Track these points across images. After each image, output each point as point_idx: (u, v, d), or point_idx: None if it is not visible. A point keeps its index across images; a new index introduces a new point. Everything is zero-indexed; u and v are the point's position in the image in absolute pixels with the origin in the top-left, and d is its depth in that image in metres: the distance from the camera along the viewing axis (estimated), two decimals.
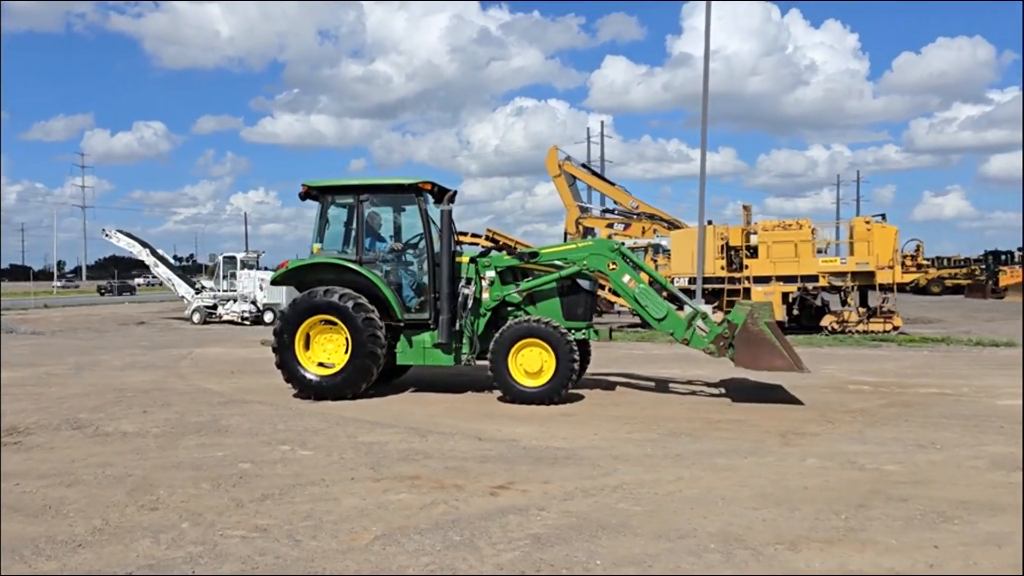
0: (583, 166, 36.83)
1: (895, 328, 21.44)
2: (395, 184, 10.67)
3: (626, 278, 10.45)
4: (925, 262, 24.87)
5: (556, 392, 9.89)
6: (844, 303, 22.85)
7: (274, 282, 11.58)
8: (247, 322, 29.56)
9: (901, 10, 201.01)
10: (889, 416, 9.07)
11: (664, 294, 11.27)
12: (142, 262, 34.12)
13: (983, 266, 51.75)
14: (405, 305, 10.64)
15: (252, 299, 30.16)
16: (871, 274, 21.64)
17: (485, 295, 10.59)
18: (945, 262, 56.91)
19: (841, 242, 23.27)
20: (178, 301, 34.70)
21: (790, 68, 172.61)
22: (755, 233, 23.46)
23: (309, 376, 10.37)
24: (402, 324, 10.64)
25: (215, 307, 30.93)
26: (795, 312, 23.45)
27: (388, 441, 7.93)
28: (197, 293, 31.90)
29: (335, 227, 11.14)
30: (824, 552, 4.78)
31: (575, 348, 9.93)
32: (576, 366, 9.94)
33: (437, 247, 10.63)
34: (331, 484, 6.37)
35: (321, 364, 10.47)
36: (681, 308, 10.92)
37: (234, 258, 32.31)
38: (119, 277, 79.76)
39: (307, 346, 10.53)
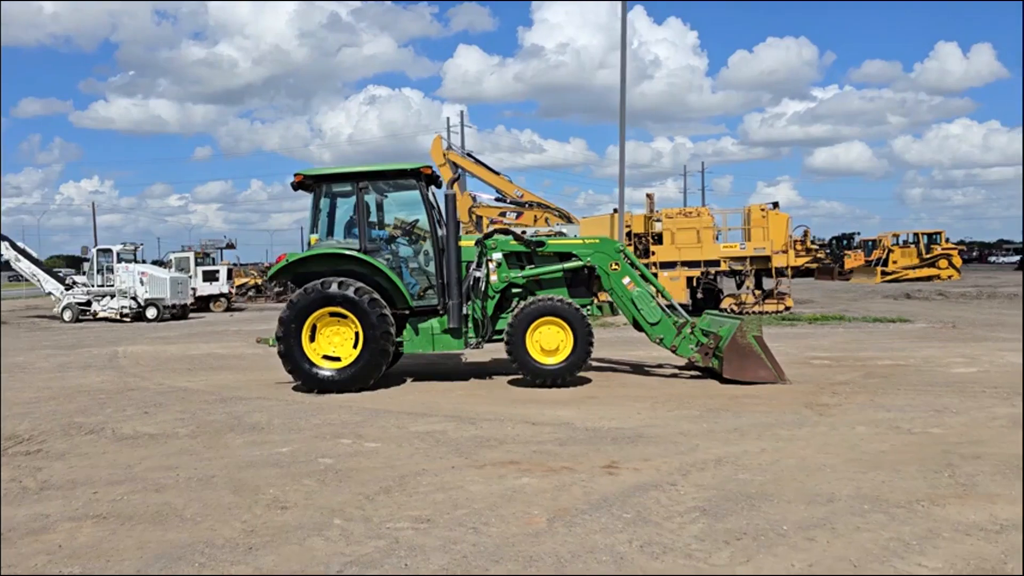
0: (468, 155, 37.13)
1: (787, 308, 22.94)
2: (396, 170, 10.49)
3: (626, 280, 10.76)
4: (813, 246, 26.84)
5: (574, 369, 10.14)
6: (739, 286, 24.23)
7: (271, 277, 11.10)
8: (127, 319, 27.86)
9: (735, 9, 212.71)
10: (879, 386, 9.85)
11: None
12: None
13: (827, 250, 55.94)
14: (411, 292, 10.52)
15: (132, 294, 28.41)
16: (767, 258, 23.08)
17: (493, 277, 10.62)
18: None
19: (737, 228, 24.61)
20: (44, 297, 32.19)
21: (636, 62, 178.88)
22: (659, 221, 24.44)
23: (318, 369, 10.06)
24: (407, 312, 10.51)
25: (89, 303, 28.94)
26: (699, 295, 24.64)
27: (443, 430, 7.87)
28: (68, 289, 29.72)
29: (322, 217, 10.82)
30: (965, 505, 5.25)
31: (591, 326, 10.18)
32: (593, 344, 10.20)
33: (442, 232, 10.55)
34: (438, 473, 6.30)
35: (326, 357, 10.16)
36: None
37: (110, 251, 30.30)
38: None
39: (312, 338, 10.19)
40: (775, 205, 24.20)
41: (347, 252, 10.32)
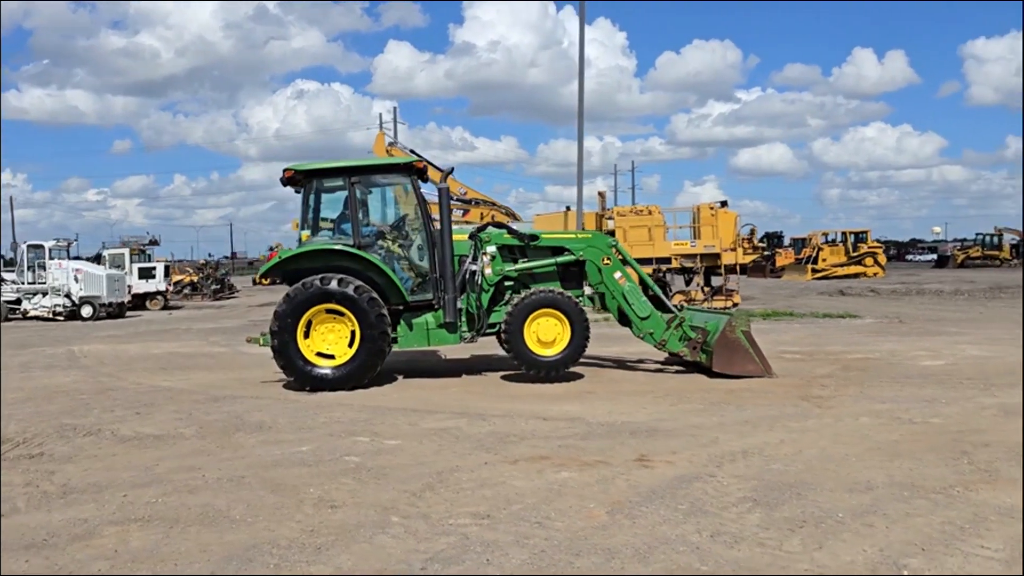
0: (410, 151, 36.89)
1: (735, 305, 23.52)
2: (389, 164, 10.42)
3: (617, 274, 10.90)
4: (760, 244, 27.55)
5: (570, 361, 10.25)
6: (688, 283, 24.72)
7: (264, 275, 10.83)
8: (60, 317, 26.85)
9: (663, 11, 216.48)
10: (862, 379, 10.20)
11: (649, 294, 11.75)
12: None
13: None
14: (406, 287, 10.42)
15: (66, 292, 27.36)
16: (717, 255, 23.63)
17: (488, 271, 10.61)
18: None
19: (687, 226, 25.08)
20: None
21: (566, 62, 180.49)
22: (611, 219, 24.75)
23: (312, 367, 9.88)
24: (400, 308, 10.42)
25: (19, 301, 27.76)
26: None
27: (457, 426, 7.85)
28: None
29: (310, 213, 10.64)
30: (997, 490, 5.50)
31: (588, 319, 10.29)
32: (589, 337, 10.30)
33: (436, 226, 10.50)
34: (473, 469, 6.29)
35: (320, 354, 9.99)
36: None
37: (41, 247, 29.12)
38: None
39: (306, 335, 10.01)
40: (724, 204, 24.76)
41: (341, 248, 10.17)
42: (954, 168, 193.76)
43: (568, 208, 25.33)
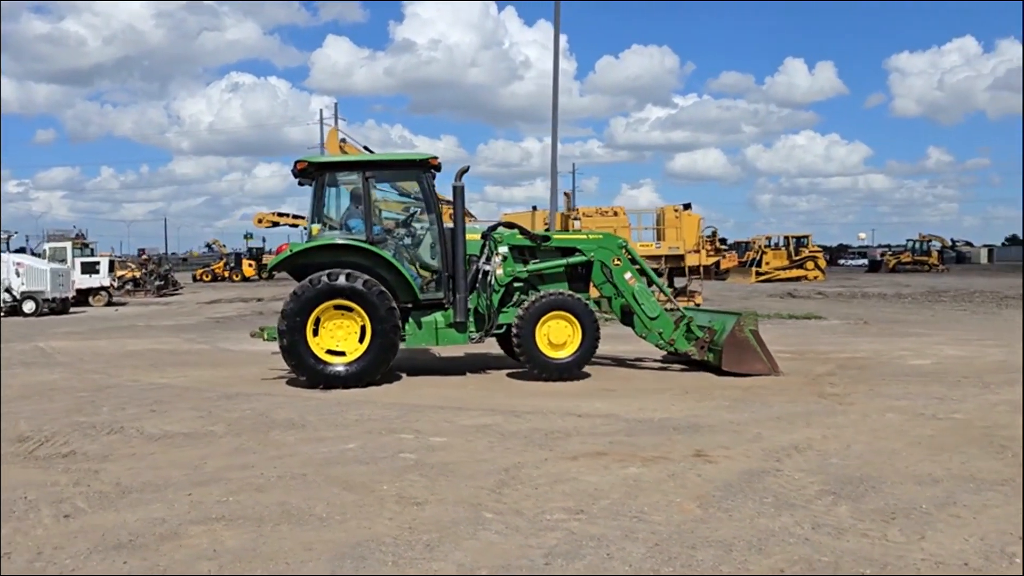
0: (365, 148, 36.47)
1: (697, 306, 23.94)
2: (405, 160, 10.26)
3: (627, 275, 10.97)
4: (722, 246, 28.08)
5: (581, 363, 10.27)
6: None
7: (273, 268, 10.55)
8: (0, 313, 25.71)
9: (603, 15, 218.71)
10: (865, 377, 10.48)
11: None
12: None
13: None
14: (417, 285, 10.30)
15: (6, 286, 26.24)
16: (681, 257, 24.00)
17: (499, 271, 10.55)
18: None
19: (651, 228, 25.40)
20: None
21: (507, 62, 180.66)
22: (577, 219, 24.91)
23: (325, 365, 9.68)
24: (410, 306, 10.28)
25: None
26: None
27: (495, 423, 7.80)
28: None
29: (316, 206, 10.43)
30: None
31: (598, 321, 10.32)
32: (599, 338, 10.34)
33: (449, 224, 10.40)
34: (538, 466, 6.25)
35: (331, 352, 9.79)
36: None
37: None
38: None
39: (315, 332, 9.79)
40: (687, 206, 25.17)
41: (353, 243, 9.99)
42: (878, 177, 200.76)
43: (535, 208, 25.43)
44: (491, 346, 12.14)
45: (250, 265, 54.80)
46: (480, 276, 10.51)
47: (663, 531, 4.77)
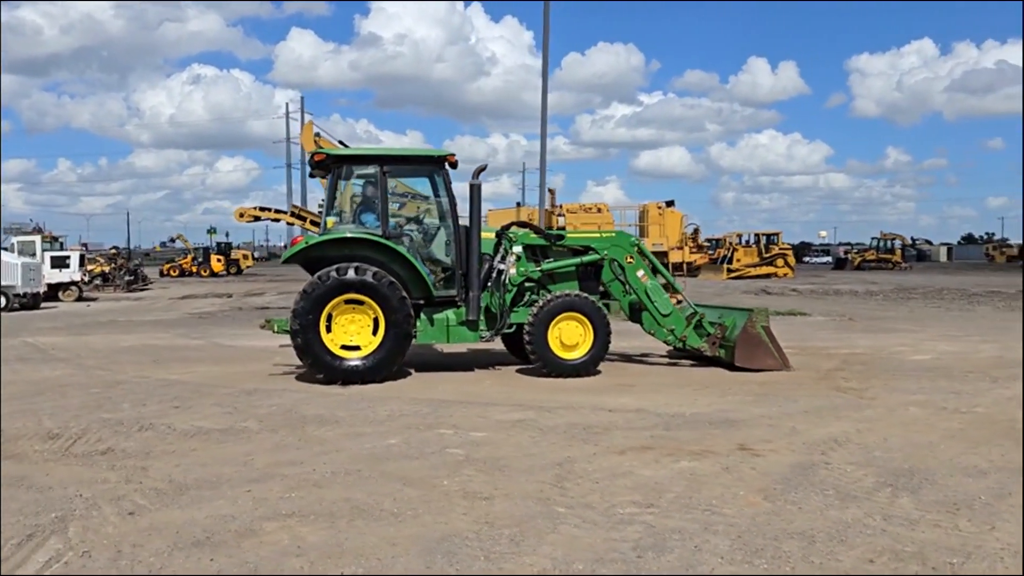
0: (340, 143, 36.14)
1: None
2: (424, 155, 10.20)
3: (640, 272, 11.04)
4: (704, 243, 28.36)
5: (594, 364, 10.29)
6: None
7: (286, 261, 10.41)
8: None
9: (569, 12, 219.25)
10: (874, 372, 10.66)
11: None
12: None
13: None
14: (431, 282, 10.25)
15: None
16: (665, 253, 24.27)
17: (512, 271, 10.54)
18: None
19: (634, 224, 25.63)
20: None
21: (473, 58, 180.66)
22: (562, 215, 25.08)
23: (342, 360, 9.60)
24: (422, 302, 10.23)
25: None
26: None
27: (530, 418, 7.80)
28: None
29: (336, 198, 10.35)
30: None
31: (609, 321, 10.36)
32: (610, 338, 10.38)
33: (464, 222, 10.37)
34: (589, 460, 6.28)
35: (345, 347, 9.71)
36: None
37: None
38: None
39: (327, 329, 9.70)
40: (670, 203, 25.48)
41: (369, 237, 9.91)
42: (839, 176, 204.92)
43: (519, 204, 25.50)
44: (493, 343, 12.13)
45: (219, 260, 54.07)
46: (495, 275, 10.48)
47: (740, 523, 4.82)
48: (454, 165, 10.42)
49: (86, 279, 33.05)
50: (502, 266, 10.48)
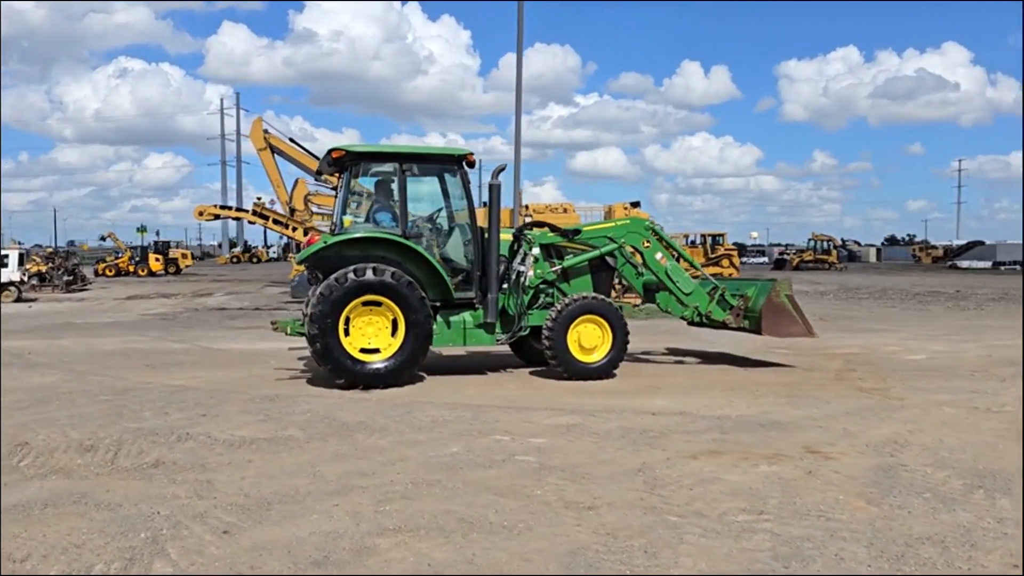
0: (290, 140, 35.38)
1: (644, 301, 24.30)
2: (443, 154, 9.96)
3: (659, 255, 11.02)
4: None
5: (613, 366, 10.22)
6: None
7: (303, 260, 10.00)
8: None
9: (507, 12, 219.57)
10: (882, 372, 10.83)
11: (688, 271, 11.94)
12: None
13: None
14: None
15: None
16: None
17: (530, 272, 10.38)
18: None
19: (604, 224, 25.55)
20: None
21: (410, 57, 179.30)
22: (528, 216, 24.90)
23: (363, 364, 9.29)
24: (438, 305, 9.97)
25: None
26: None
27: (579, 423, 7.66)
28: None
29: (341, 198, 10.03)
30: None
31: (627, 322, 10.30)
32: (629, 340, 10.32)
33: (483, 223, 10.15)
34: (666, 466, 6.18)
35: (363, 350, 9.40)
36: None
37: None
38: None
39: (346, 332, 9.37)
40: (636, 204, 25.57)
41: (388, 237, 9.61)
42: (768, 178, 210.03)
43: (484, 204, 25.21)
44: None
45: (157, 259, 52.29)
46: (514, 277, 10.32)
47: (863, 529, 4.78)
48: (472, 164, 10.21)
49: (26, 279, 31.57)
50: (521, 268, 10.32)
